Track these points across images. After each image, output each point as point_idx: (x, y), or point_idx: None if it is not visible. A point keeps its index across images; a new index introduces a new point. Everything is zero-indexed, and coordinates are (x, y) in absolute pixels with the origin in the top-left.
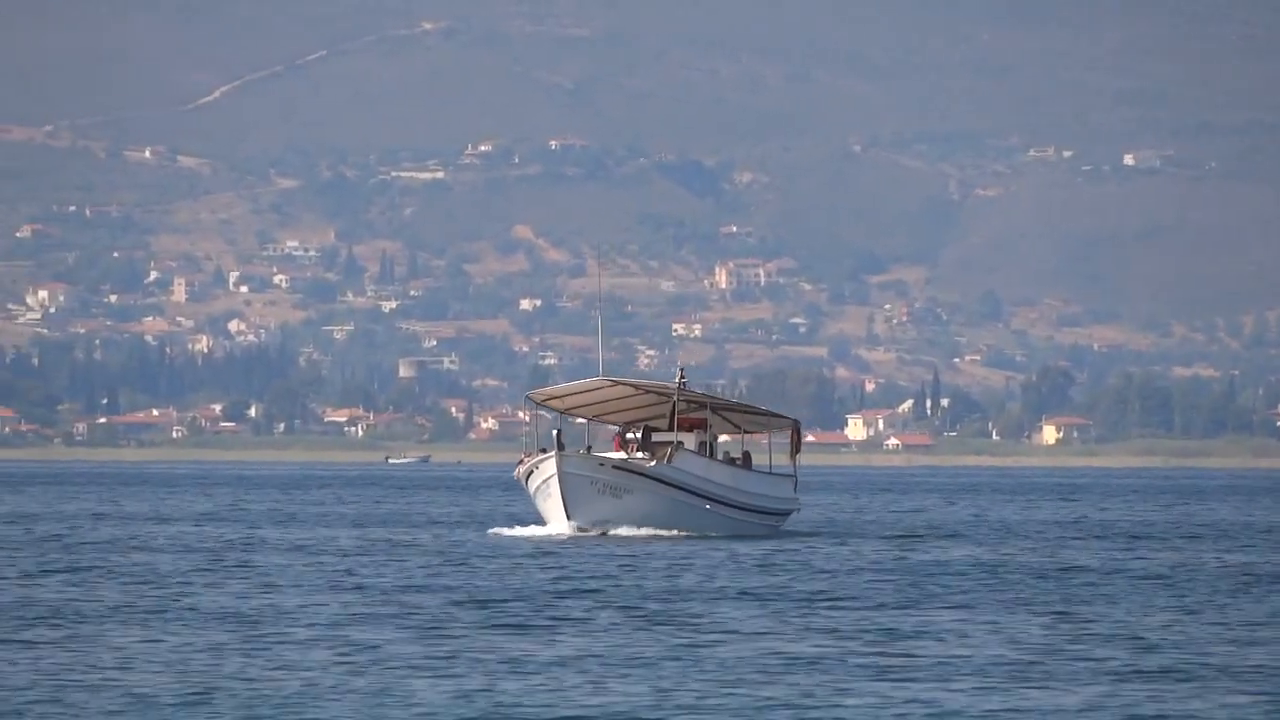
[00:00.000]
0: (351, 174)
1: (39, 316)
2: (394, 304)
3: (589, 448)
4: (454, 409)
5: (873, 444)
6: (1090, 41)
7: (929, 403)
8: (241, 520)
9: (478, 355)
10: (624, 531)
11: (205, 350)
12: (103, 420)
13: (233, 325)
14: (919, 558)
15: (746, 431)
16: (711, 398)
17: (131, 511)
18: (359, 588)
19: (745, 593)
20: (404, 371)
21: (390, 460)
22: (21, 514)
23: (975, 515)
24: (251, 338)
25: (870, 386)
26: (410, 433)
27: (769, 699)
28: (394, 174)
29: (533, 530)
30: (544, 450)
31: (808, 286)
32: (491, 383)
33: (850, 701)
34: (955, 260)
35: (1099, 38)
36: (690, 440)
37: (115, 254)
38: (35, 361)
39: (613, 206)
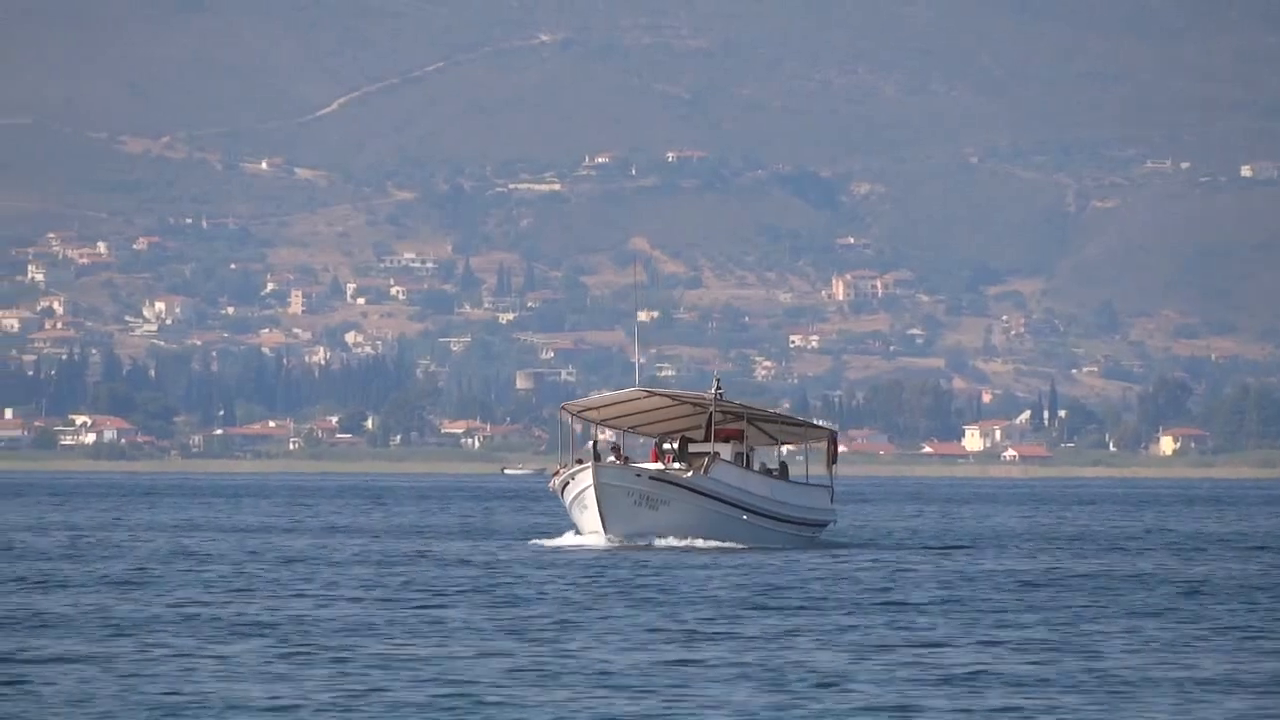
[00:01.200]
0: (469, 186)
1: (156, 328)
2: (511, 316)
3: (626, 459)
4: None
5: (990, 455)
6: (1207, 52)
7: (1046, 414)
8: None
9: (594, 367)
10: (662, 543)
11: (322, 362)
12: (219, 432)
13: (349, 337)
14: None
15: (783, 442)
16: (748, 408)
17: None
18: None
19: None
20: (521, 383)
21: (506, 471)
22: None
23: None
24: (368, 349)
25: (987, 398)
26: (526, 444)
27: None
28: (511, 186)
29: (574, 540)
30: (580, 461)
31: (925, 298)
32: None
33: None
34: (1072, 271)
35: (1216, 48)
36: (727, 451)
37: (232, 266)
38: (152, 373)
39: (730, 218)
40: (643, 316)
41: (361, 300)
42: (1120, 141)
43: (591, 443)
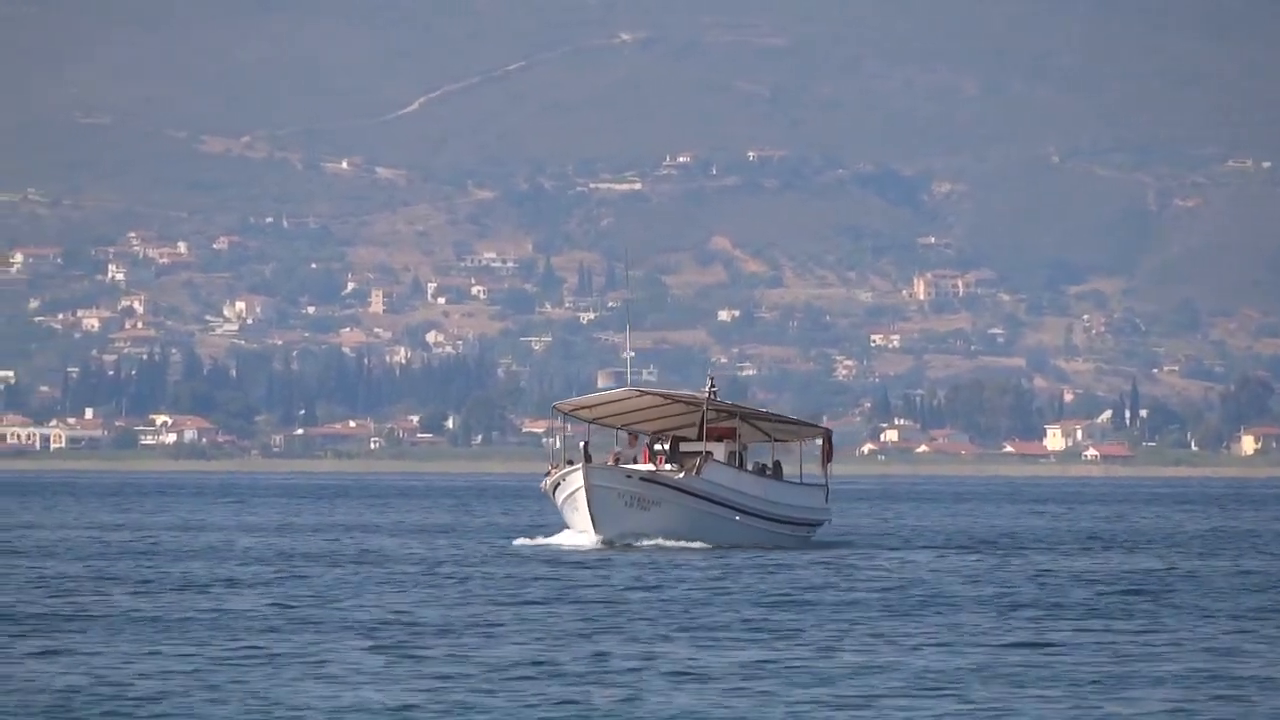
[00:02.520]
0: (549, 185)
1: (236, 328)
2: (592, 315)
3: (617, 459)
4: None
5: (1071, 455)
6: None
7: (1127, 413)
8: None
9: (676, 366)
10: (651, 544)
11: (403, 361)
12: (300, 431)
13: (430, 336)
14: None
15: (777, 440)
16: (741, 407)
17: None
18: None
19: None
20: (602, 382)
21: None
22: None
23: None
24: (449, 349)
25: (1069, 397)
26: (607, 443)
27: None
28: (592, 185)
29: (559, 539)
30: (570, 462)
31: (1005, 297)
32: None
33: None
34: (1153, 270)
35: None
36: (720, 450)
37: (313, 265)
38: (233, 373)
39: (810, 217)
40: (724, 316)
41: (442, 299)
42: (1201, 140)
43: (583, 444)
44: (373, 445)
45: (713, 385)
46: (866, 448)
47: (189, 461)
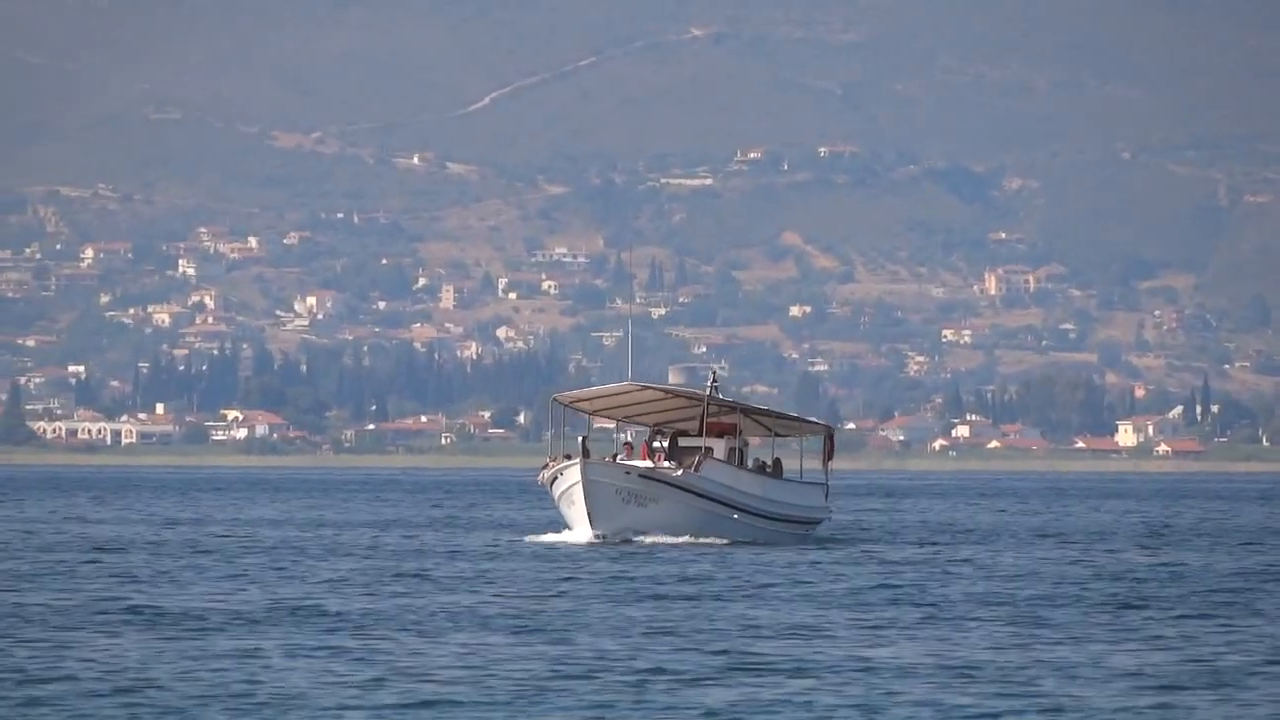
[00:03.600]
0: (621, 180)
1: (307, 323)
2: (663, 311)
3: (615, 455)
4: None
5: (1143, 450)
6: None
7: (1199, 409)
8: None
9: (747, 362)
10: (650, 540)
11: (474, 357)
12: (371, 427)
13: (501, 332)
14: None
15: (778, 435)
16: (741, 403)
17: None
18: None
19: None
20: (673, 378)
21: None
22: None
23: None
24: (520, 344)
25: (1140, 393)
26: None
27: None
28: (663, 180)
29: (563, 536)
30: (569, 456)
31: (1077, 292)
32: (761, 389)
33: None
34: (1224, 266)
35: None
36: (720, 446)
37: (384, 261)
38: (304, 368)
39: (882, 213)
40: (795, 311)
41: (513, 295)
42: (1273, 136)
43: (581, 438)
44: (444, 441)
45: (714, 380)
46: (938, 444)
47: (260, 457)
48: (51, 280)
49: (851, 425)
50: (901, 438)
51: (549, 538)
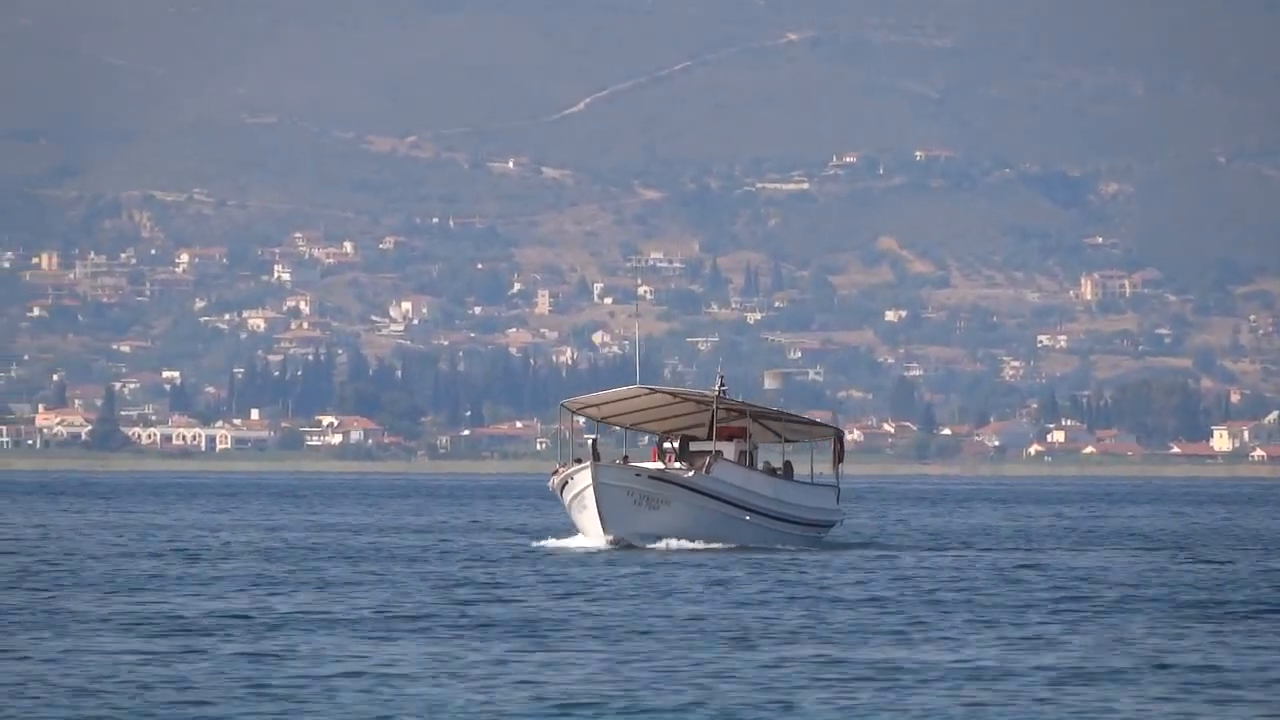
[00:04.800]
0: (716, 185)
1: (402, 329)
2: (759, 315)
3: (625, 458)
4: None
5: (1238, 455)
6: None
7: None
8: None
9: (843, 367)
10: (663, 545)
11: (569, 362)
12: (466, 432)
13: (597, 337)
14: None
15: (788, 440)
16: (751, 406)
17: None
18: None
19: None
20: (769, 383)
21: None
22: None
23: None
24: (615, 349)
25: (1235, 398)
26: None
27: None
28: (758, 185)
29: (577, 541)
30: (579, 460)
31: (1172, 297)
32: (856, 394)
33: None
34: None
35: None
36: (730, 449)
37: (479, 266)
38: (399, 374)
39: (977, 217)
40: (891, 316)
41: (609, 300)
42: None
43: (591, 441)
44: (539, 446)
45: (722, 384)
46: (1033, 449)
47: (354, 462)
48: (147, 285)
49: (946, 430)
50: (996, 443)
51: (558, 542)
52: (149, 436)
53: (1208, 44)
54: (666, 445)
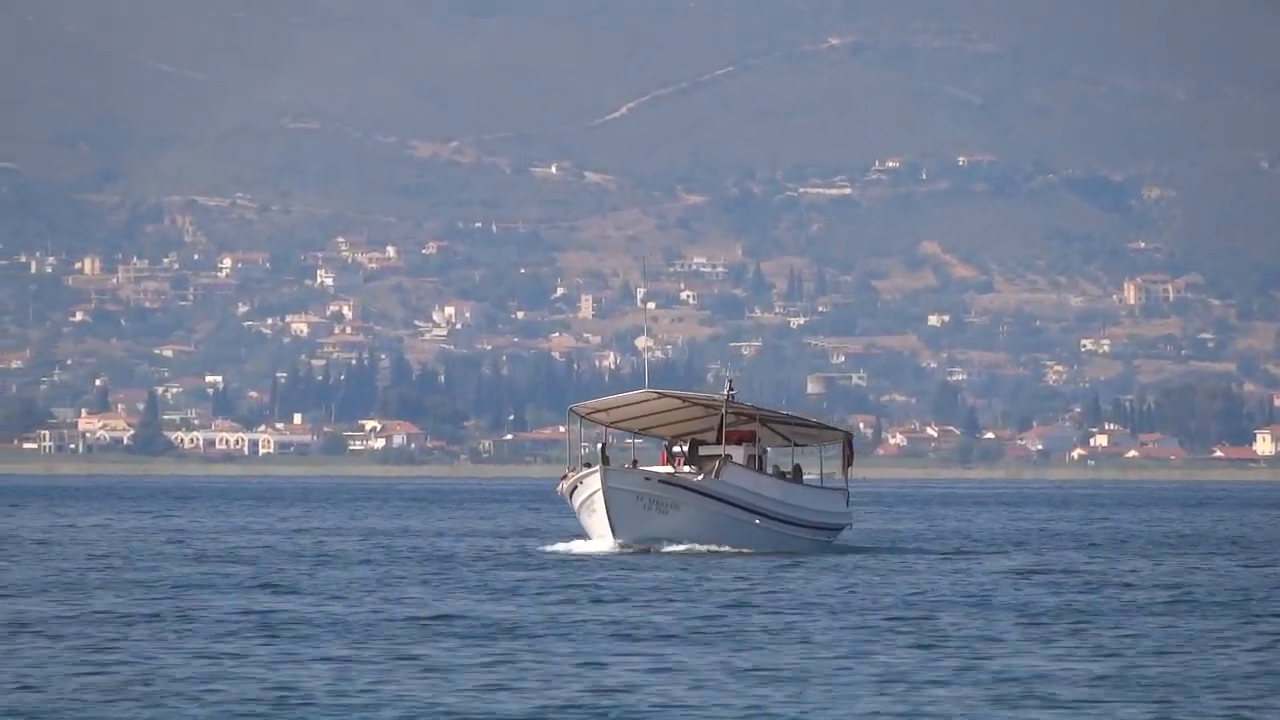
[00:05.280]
0: (759, 190)
1: (445, 333)
2: (802, 320)
3: (634, 462)
4: (862, 425)
5: None
6: None
7: None
8: None
9: (886, 371)
10: (673, 549)
11: (612, 366)
12: (509, 437)
13: (640, 342)
14: None
15: (797, 444)
16: (760, 409)
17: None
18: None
19: None
20: (812, 388)
21: None
22: None
23: None
24: (659, 354)
25: (1278, 401)
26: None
27: None
28: (801, 190)
29: (583, 545)
30: (588, 465)
31: (1216, 302)
32: (900, 398)
33: None
34: None
35: None
36: (739, 453)
37: (522, 270)
38: (442, 378)
39: (1020, 222)
40: (934, 320)
41: (652, 304)
42: None
43: (600, 445)
44: (583, 450)
45: (731, 388)
46: (1076, 453)
47: (397, 467)
48: (189, 290)
49: (989, 434)
50: (1040, 447)
51: (565, 546)
52: (191, 441)
53: (1250, 48)
54: (676, 449)
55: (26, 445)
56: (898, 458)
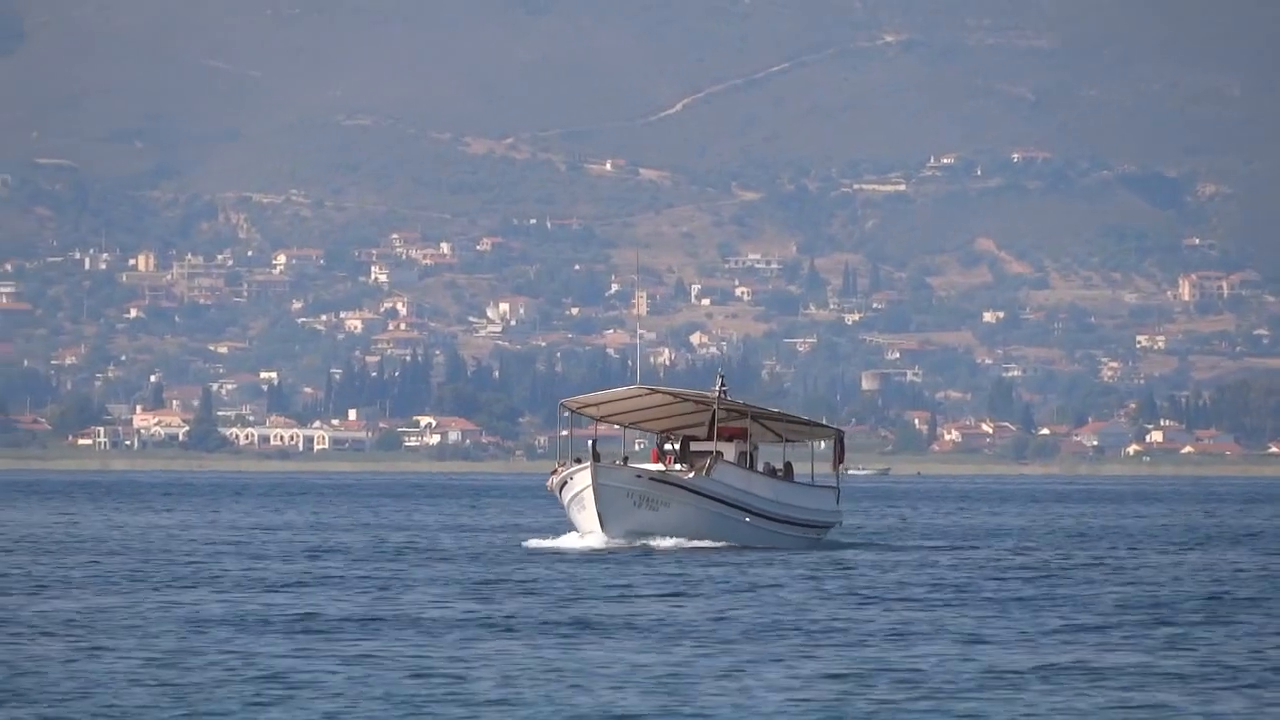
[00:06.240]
0: (813, 186)
1: (500, 329)
2: (857, 316)
3: (625, 459)
4: (917, 421)
5: None
6: None
7: None
8: None
9: (941, 367)
10: (661, 544)
11: (667, 363)
12: (564, 433)
13: (695, 338)
14: None
15: (788, 440)
16: (752, 407)
17: None
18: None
19: None
20: (867, 384)
21: (849, 471)
22: None
23: None
24: (713, 350)
25: None
26: (872, 445)
27: None
28: (856, 187)
29: (569, 541)
30: (579, 460)
31: (1270, 298)
32: (955, 395)
33: None
34: None
35: None
36: (730, 450)
37: (576, 267)
38: (496, 374)
39: (1075, 218)
40: (988, 317)
41: (706, 301)
42: None
43: (590, 442)
44: (637, 447)
45: (723, 384)
46: (1131, 449)
47: (452, 463)
48: (244, 287)
49: (1045, 430)
50: (1095, 443)
51: (549, 541)
52: (246, 437)
53: None
54: (667, 447)
55: (82, 442)
56: (952, 454)
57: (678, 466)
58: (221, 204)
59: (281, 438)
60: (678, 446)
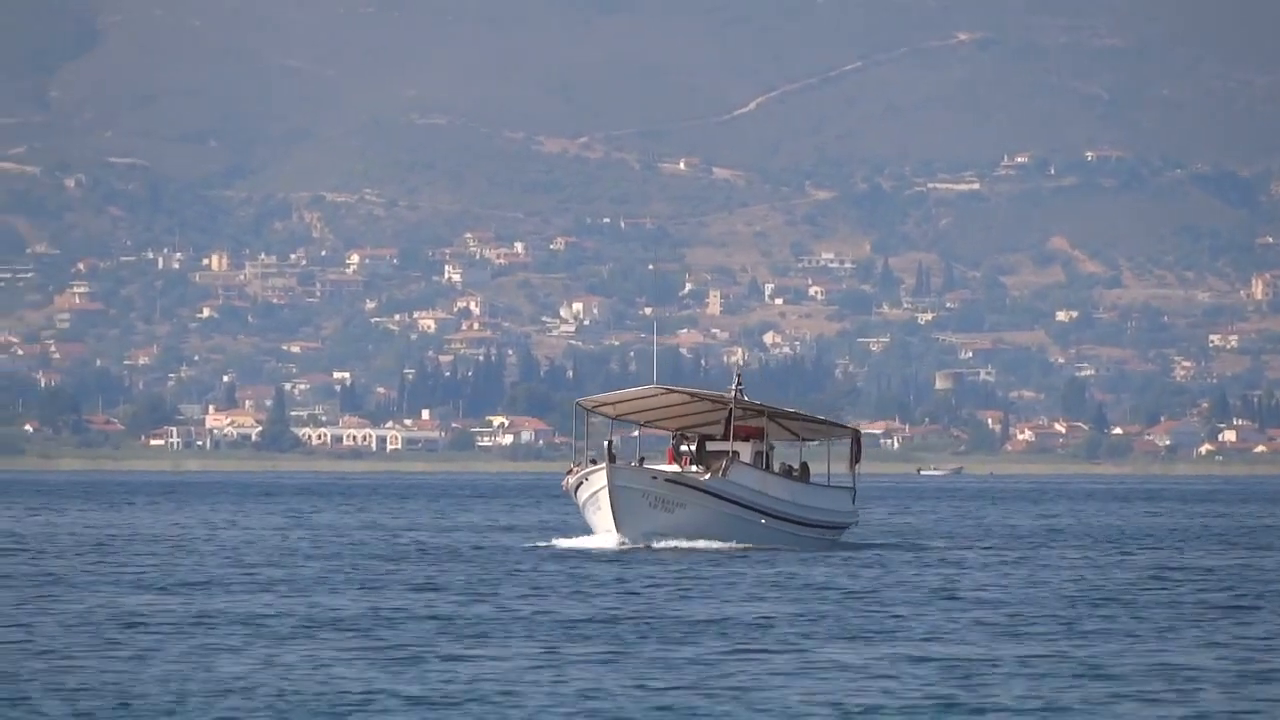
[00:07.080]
0: (887, 185)
1: (573, 329)
2: (930, 316)
3: (642, 459)
4: (990, 421)
5: None
6: None
7: None
8: None
9: (1014, 367)
10: (675, 544)
11: (740, 362)
12: (635, 433)
13: (768, 337)
14: None
15: (805, 439)
16: (768, 406)
17: None
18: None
19: None
20: (940, 383)
21: (922, 472)
22: None
23: None
24: (786, 350)
25: None
26: (945, 444)
27: None
28: (930, 185)
29: (588, 540)
30: (594, 461)
31: None
32: (1028, 394)
33: None
34: None
35: None
36: (746, 450)
37: (650, 266)
38: (570, 374)
39: (1149, 217)
40: (1062, 316)
41: (780, 300)
42: None
43: (607, 442)
44: (708, 447)
45: (740, 383)
46: (1204, 449)
47: (526, 463)
48: (317, 286)
49: (1118, 430)
50: (1168, 443)
51: (570, 542)
52: (319, 437)
53: None
54: (684, 448)
55: (154, 442)
56: (1025, 453)
57: (694, 467)
58: (295, 203)
59: (354, 438)
60: (694, 448)
